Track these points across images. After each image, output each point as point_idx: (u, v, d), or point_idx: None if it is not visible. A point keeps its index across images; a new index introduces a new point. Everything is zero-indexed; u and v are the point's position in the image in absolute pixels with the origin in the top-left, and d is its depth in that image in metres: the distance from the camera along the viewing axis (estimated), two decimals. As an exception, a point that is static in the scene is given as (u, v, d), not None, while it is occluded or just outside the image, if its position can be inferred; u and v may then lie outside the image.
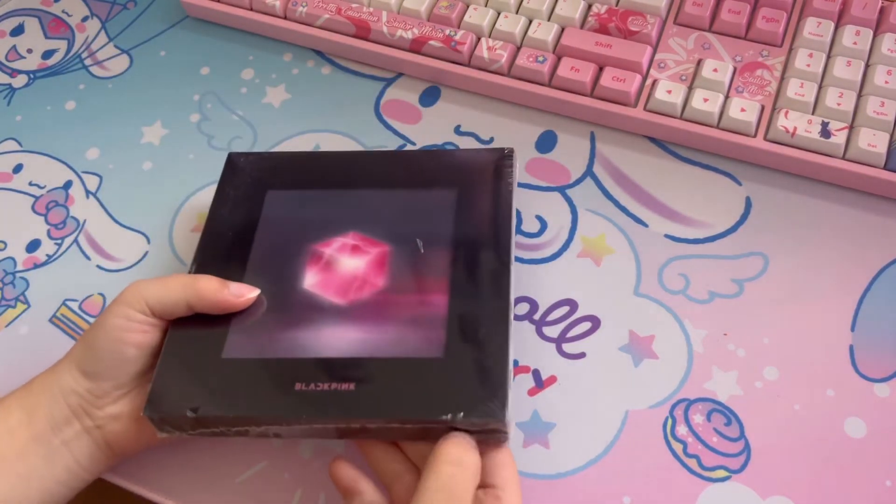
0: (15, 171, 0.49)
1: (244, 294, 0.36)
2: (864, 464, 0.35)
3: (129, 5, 0.55)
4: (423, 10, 0.48)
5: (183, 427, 0.34)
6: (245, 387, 0.34)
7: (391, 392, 0.33)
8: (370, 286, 0.36)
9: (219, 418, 0.33)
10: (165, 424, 0.34)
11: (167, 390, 0.34)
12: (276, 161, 0.42)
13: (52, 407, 0.34)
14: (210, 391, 0.34)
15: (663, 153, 0.45)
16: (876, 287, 0.40)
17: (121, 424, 0.35)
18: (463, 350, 0.34)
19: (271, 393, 0.33)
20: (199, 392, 0.34)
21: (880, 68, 0.42)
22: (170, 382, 0.34)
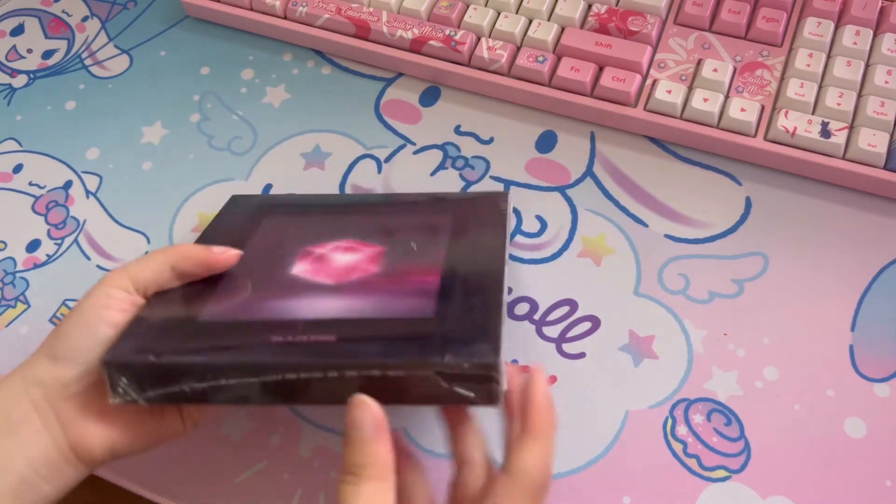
0: (15, 171, 0.49)
1: (227, 251, 0.35)
2: (864, 464, 0.35)
3: (129, 5, 0.55)
4: (423, 10, 0.48)
5: (141, 382, 0.30)
6: (217, 340, 0.31)
7: (375, 341, 0.30)
8: (361, 271, 0.35)
9: (182, 367, 0.30)
10: (122, 377, 0.30)
11: (132, 339, 0.31)
12: (276, 199, 0.43)
13: (11, 402, 0.31)
14: (178, 343, 0.31)
15: (663, 153, 0.45)
16: (876, 287, 0.40)
17: (86, 421, 0.31)
18: (454, 311, 0.31)
19: (244, 344, 0.31)
20: (166, 344, 0.31)
21: (880, 68, 0.42)
22: (137, 333, 0.31)
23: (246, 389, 0.29)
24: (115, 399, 0.30)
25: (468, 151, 0.46)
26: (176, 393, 0.30)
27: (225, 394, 0.30)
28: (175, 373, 0.30)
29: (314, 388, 0.29)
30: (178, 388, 0.30)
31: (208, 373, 0.29)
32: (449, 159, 0.46)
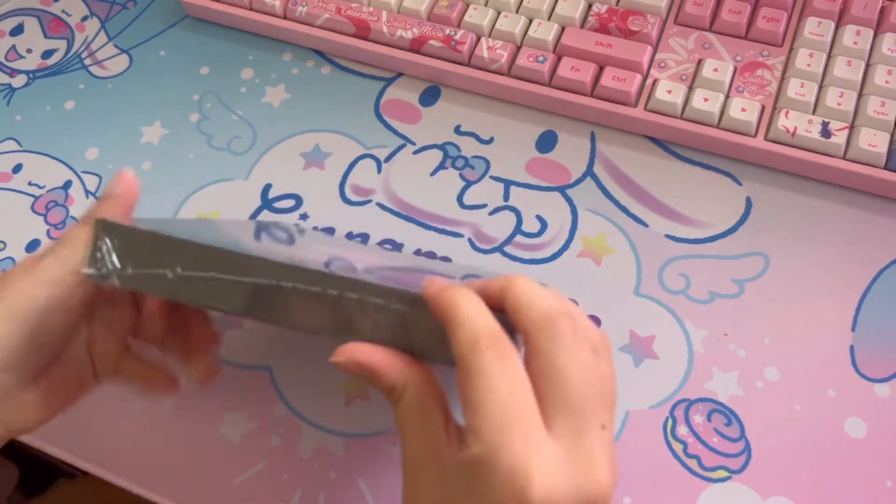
0: (14, 171, 0.48)
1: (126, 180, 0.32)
2: (864, 464, 0.35)
3: (129, 5, 0.55)
4: (423, 10, 0.48)
5: (127, 253, 0.27)
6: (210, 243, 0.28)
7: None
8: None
9: (178, 245, 0.27)
10: (110, 241, 0.27)
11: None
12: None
13: None
14: (174, 230, 0.29)
15: (664, 153, 0.44)
16: (876, 287, 0.39)
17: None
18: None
19: (245, 250, 0.28)
20: (164, 229, 0.28)
21: (881, 68, 0.42)
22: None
23: (232, 290, 0.27)
24: (88, 269, 0.27)
25: (468, 151, 0.46)
26: (155, 277, 0.27)
27: (207, 291, 0.27)
28: (168, 250, 0.27)
29: (306, 306, 0.27)
30: (160, 271, 0.27)
31: (205, 258, 0.27)
32: (449, 159, 0.46)
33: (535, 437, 0.23)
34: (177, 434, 0.39)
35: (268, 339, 0.41)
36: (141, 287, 0.27)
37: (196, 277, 0.27)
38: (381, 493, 0.37)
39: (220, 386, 0.40)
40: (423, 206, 0.44)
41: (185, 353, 0.34)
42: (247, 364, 0.41)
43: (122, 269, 0.27)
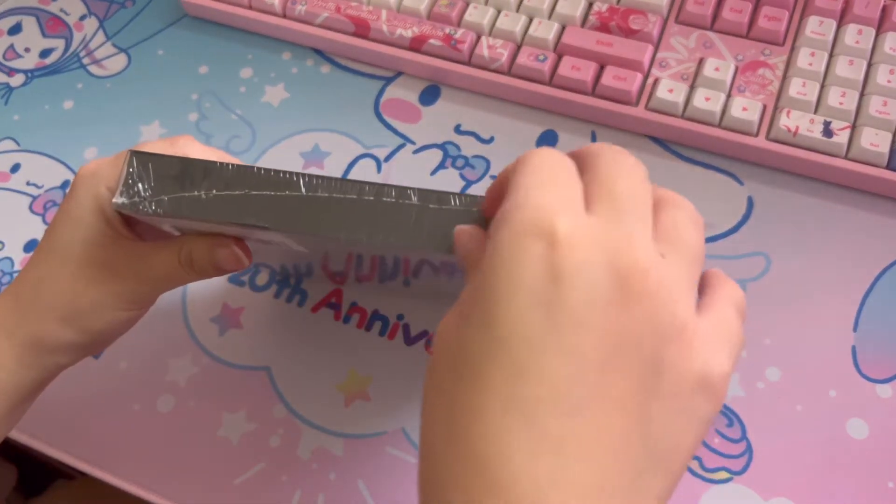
0: (12, 170, 0.48)
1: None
2: (866, 465, 0.35)
3: (128, 4, 0.55)
4: (423, 9, 0.47)
5: (162, 181, 0.28)
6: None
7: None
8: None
9: (213, 167, 0.28)
10: (146, 168, 0.28)
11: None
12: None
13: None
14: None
15: (665, 152, 0.44)
16: (878, 287, 0.39)
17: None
18: None
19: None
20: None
21: (882, 67, 0.42)
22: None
23: (267, 205, 0.27)
24: (120, 199, 0.28)
25: (468, 151, 0.46)
26: (188, 200, 0.27)
27: (242, 208, 0.27)
28: (198, 173, 0.28)
29: (341, 213, 0.27)
30: (193, 194, 0.27)
31: (237, 177, 0.27)
32: (449, 159, 0.46)
33: (571, 199, 0.22)
34: (175, 435, 0.39)
35: (267, 340, 0.41)
36: (175, 212, 0.28)
37: (229, 196, 0.27)
38: (380, 494, 0.37)
39: (219, 387, 0.40)
40: (423, 205, 0.44)
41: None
42: (246, 364, 0.41)
43: (154, 195, 0.28)
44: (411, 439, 0.38)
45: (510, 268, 0.21)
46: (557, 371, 0.20)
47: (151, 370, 0.41)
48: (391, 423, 0.38)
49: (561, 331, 0.20)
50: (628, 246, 0.21)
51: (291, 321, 0.41)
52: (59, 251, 0.31)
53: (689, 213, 0.24)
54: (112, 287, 0.31)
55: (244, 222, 0.27)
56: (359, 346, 0.40)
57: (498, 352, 0.20)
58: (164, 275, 0.31)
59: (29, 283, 0.31)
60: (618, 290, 0.20)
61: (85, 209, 0.30)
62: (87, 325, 0.31)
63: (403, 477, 0.37)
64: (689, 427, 0.21)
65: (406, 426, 0.38)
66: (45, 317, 0.31)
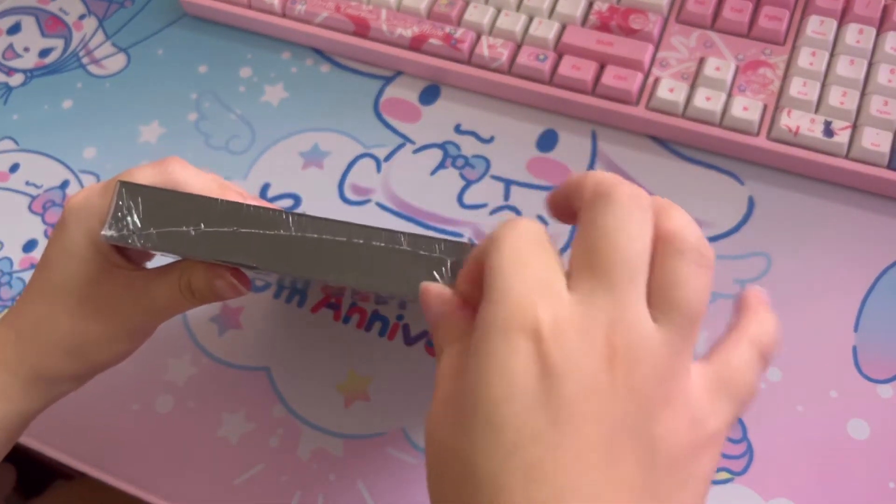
0: (12, 170, 0.48)
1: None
2: (867, 465, 0.35)
3: (127, 3, 0.55)
4: (423, 8, 0.47)
5: (151, 213, 0.27)
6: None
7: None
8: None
9: (203, 203, 0.28)
10: (134, 201, 0.27)
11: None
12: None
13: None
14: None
15: (665, 152, 0.44)
16: (879, 287, 0.39)
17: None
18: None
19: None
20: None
21: (883, 66, 0.42)
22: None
23: (256, 244, 0.27)
24: (109, 231, 0.28)
25: (468, 150, 0.46)
26: (177, 235, 0.27)
27: (230, 246, 0.27)
28: (189, 207, 0.27)
29: (330, 255, 0.27)
30: (183, 229, 0.27)
31: (227, 214, 0.27)
32: (449, 158, 0.45)
33: (550, 283, 0.21)
34: (175, 435, 0.39)
35: (266, 340, 0.41)
36: (163, 246, 0.27)
37: (218, 233, 0.27)
38: (380, 495, 0.37)
39: (218, 387, 0.40)
40: (423, 205, 0.44)
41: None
42: (245, 365, 0.40)
43: (143, 228, 0.27)
44: (411, 440, 0.38)
45: (502, 371, 0.21)
46: (571, 466, 0.20)
47: (151, 370, 0.41)
48: (391, 423, 0.38)
49: (564, 426, 0.20)
50: (612, 327, 0.21)
51: (291, 321, 0.41)
52: (56, 287, 0.30)
53: (692, 256, 0.22)
54: (113, 321, 0.31)
55: (231, 261, 0.27)
56: (359, 347, 0.40)
57: (513, 457, 0.20)
58: (164, 305, 0.31)
59: (29, 319, 0.31)
60: (606, 372, 0.20)
61: (79, 244, 0.30)
62: (90, 358, 0.31)
63: (403, 477, 0.37)
64: (692, 489, 0.21)
65: (406, 426, 0.38)
66: (49, 352, 0.31)
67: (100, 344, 0.31)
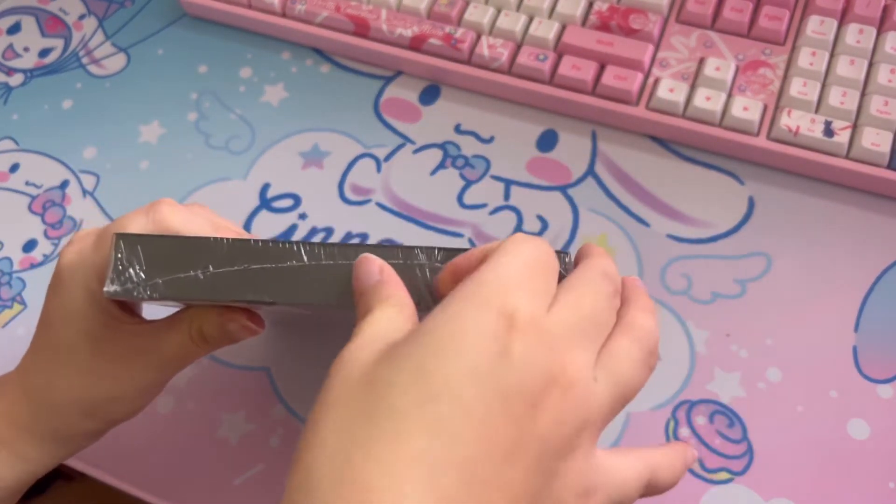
0: (11, 170, 0.48)
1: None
2: (867, 465, 0.35)
3: (127, 3, 0.55)
4: (423, 8, 0.47)
5: (154, 262, 0.26)
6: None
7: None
8: None
9: (206, 244, 0.26)
10: (135, 253, 0.26)
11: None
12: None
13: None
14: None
15: (665, 152, 0.44)
16: (879, 287, 0.39)
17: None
18: None
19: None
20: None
21: (884, 66, 0.42)
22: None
23: (270, 279, 0.26)
24: (112, 287, 0.26)
25: (468, 150, 0.46)
26: (185, 281, 0.26)
27: (242, 285, 0.26)
28: (195, 251, 0.26)
29: (346, 279, 0.26)
30: (191, 273, 0.26)
31: (235, 253, 0.26)
32: (449, 158, 0.45)
33: (541, 297, 0.23)
34: (175, 436, 0.39)
35: (266, 340, 0.41)
36: (172, 294, 0.26)
37: (228, 273, 0.26)
38: (380, 495, 0.37)
39: (218, 387, 0.40)
40: (423, 205, 0.44)
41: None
42: (245, 365, 0.40)
43: (150, 280, 0.26)
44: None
45: (465, 329, 0.22)
46: (475, 444, 0.20)
47: (151, 370, 0.41)
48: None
49: (489, 406, 0.21)
50: (570, 359, 0.22)
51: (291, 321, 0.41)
52: (63, 349, 0.29)
53: (643, 349, 0.25)
54: (126, 378, 0.30)
55: (246, 300, 0.26)
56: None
57: (426, 407, 0.21)
58: (176, 356, 0.30)
59: (39, 380, 0.30)
60: (544, 394, 0.21)
61: (78, 303, 0.29)
62: (107, 416, 0.31)
63: (403, 477, 0.37)
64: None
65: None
66: (64, 412, 0.30)
67: (114, 402, 0.30)
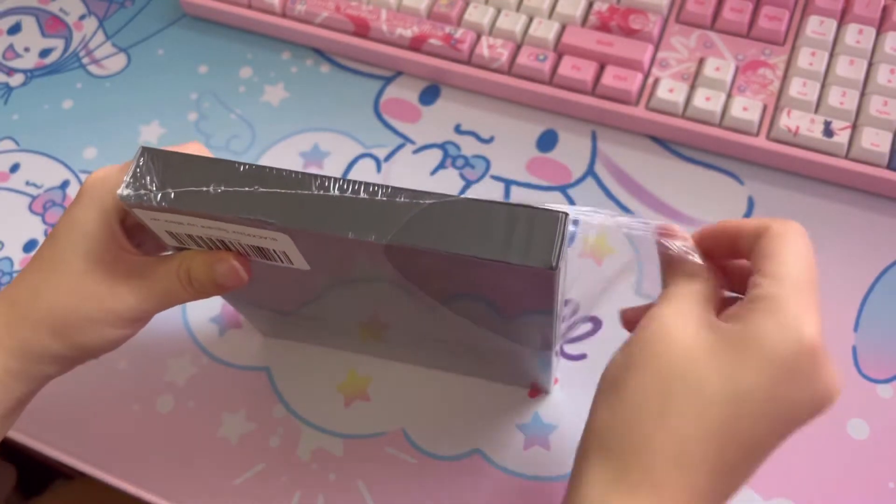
0: (12, 170, 0.48)
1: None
2: (866, 465, 0.35)
3: (127, 3, 0.55)
4: (423, 8, 0.47)
5: (169, 173, 0.27)
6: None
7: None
8: None
9: (222, 164, 0.27)
10: (154, 163, 0.27)
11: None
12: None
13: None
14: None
15: (665, 152, 0.44)
16: (879, 287, 0.39)
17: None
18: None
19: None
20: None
21: (883, 67, 0.42)
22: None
23: (276, 202, 0.26)
24: (126, 191, 0.27)
25: (468, 150, 0.46)
26: (197, 195, 0.27)
27: (250, 204, 0.26)
28: (213, 170, 0.27)
29: (351, 213, 0.26)
30: (201, 189, 0.27)
31: (246, 175, 0.26)
32: (449, 158, 0.45)
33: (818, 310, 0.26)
34: (175, 435, 0.39)
35: (266, 339, 0.41)
36: (181, 206, 0.27)
37: (238, 193, 0.26)
38: (380, 495, 0.37)
39: (219, 387, 0.40)
40: (423, 205, 0.44)
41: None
42: (245, 364, 0.40)
43: (161, 188, 0.27)
44: (411, 439, 0.38)
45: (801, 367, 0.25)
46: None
47: (151, 370, 0.41)
48: (391, 423, 0.38)
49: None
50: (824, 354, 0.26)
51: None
52: (59, 261, 0.30)
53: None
54: (108, 305, 0.30)
55: (251, 216, 0.26)
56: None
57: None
58: (161, 292, 0.30)
59: (26, 289, 0.31)
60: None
61: (89, 219, 0.29)
62: (78, 340, 0.30)
63: (403, 477, 0.37)
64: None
65: (406, 426, 0.38)
66: (36, 327, 0.30)
67: (89, 327, 0.30)
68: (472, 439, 0.38)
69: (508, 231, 0.25)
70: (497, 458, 0.37)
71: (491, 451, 0.37)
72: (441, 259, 0.26)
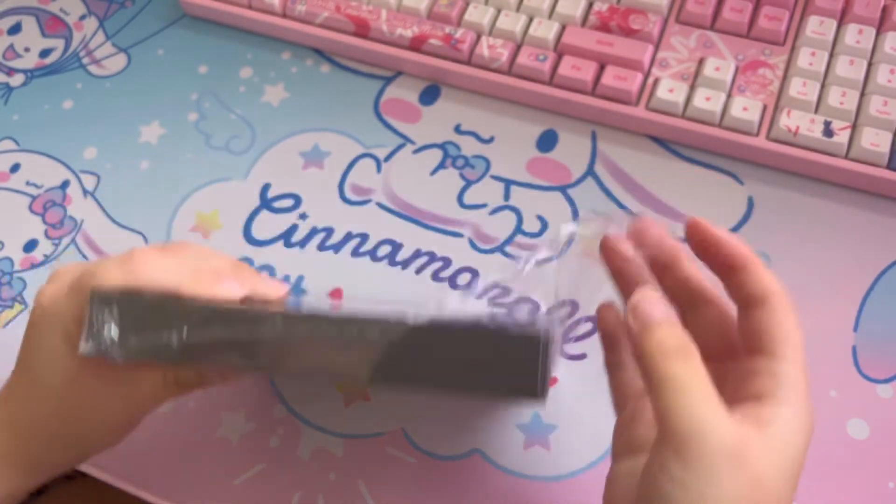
0: (12, 170, 0.48)
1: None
2: (866, 465, 0.35)
3: (127, 3, 0.55)
4: (423, 8, 0.47)
5: (128, 323, 0.26)
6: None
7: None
8: None
9: (183, 306, 0.26)
10: (109, 311, 0.26)
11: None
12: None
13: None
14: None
15: (665, 152, 0.44)
16: (879, 287, 0.39)
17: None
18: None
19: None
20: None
21: (883, 67, 0.42)
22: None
23: (243, 347, 0.26)
24: (87, 345, 0.26)
25: (468, 150, 0.46)
26: (160, 345, 0.26)
27: (215, 351, 0.26)
28: (172, 313, 0.26)
29: (320, 350, 0.26)
30: (165, 337, 0.26)
31: (210, 317, 0.26)
32: (449, 158, 0.45)
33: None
34: (175, 435, 0.39)
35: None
36: (145, 358, 0.26)
37: (201, 343, 0.26)
38: (380, 495, 0.37)
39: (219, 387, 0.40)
40: (423, 205, 0.44)
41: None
42: (246, 365, 0.40)
43: (124, 341, 0.26)
44: (411, 439, 0.38)
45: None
46: None
47: (151, 370, 0.41)
48: (391, 423, 0.38)
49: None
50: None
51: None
52: (41, 387, 0.30)
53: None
54: (103, 418, 0.31)
55: (218, 366, 0.26)
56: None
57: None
58: (151, 396, 0.31)
59: (20, 415, 0.31)
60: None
61: (55, 347, 0.29)
62: (87, 450, 0.32)
63: (403, 477, 0.37)
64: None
65: (406, 426, 0.38)
66: (46, 445, 0.32)
67: (91, 439, 0.32)
68: (472, 439, 0.38)
69: (489, 362, 0.25)
70: (497, 458, 0.37)
71: (491, 451, 0.37)
72: (423, 388, 0.26)
